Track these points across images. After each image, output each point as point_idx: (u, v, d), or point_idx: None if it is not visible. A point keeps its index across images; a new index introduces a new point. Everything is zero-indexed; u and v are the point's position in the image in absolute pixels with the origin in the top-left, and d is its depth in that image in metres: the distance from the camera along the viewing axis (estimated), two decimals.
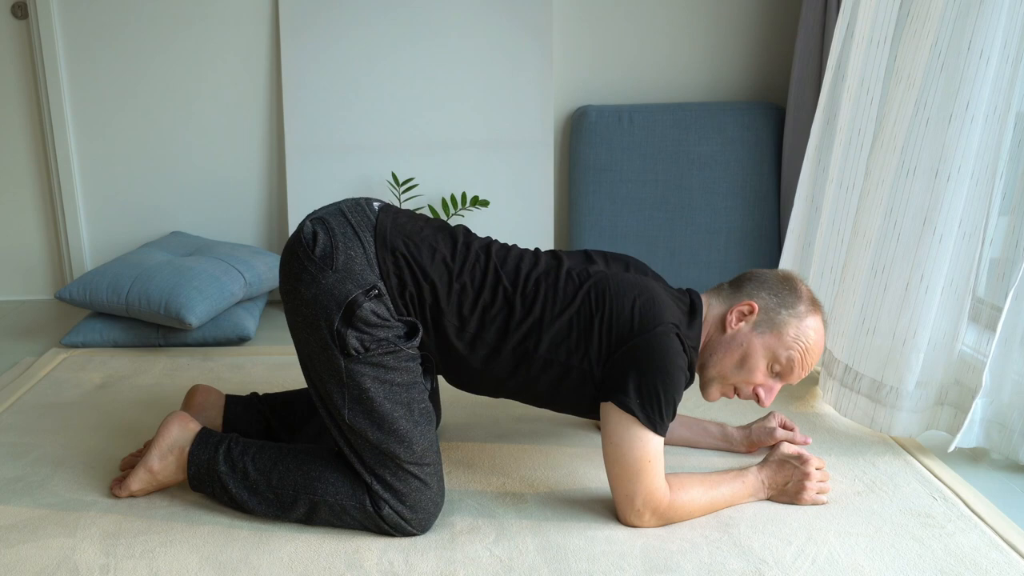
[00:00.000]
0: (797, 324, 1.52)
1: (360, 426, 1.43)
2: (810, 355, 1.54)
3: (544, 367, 1.50)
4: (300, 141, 2.91)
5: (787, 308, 1.53)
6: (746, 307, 1.54)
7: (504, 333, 1.49)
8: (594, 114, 2.82)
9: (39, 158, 3.00)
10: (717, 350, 1.56)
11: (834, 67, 2.26)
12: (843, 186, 2.15)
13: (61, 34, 2.87)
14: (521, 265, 1.54)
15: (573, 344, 1.49)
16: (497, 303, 1.49)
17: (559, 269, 1.54)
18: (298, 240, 1.47)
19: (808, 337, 1.53)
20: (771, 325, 1.53)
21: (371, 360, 1.43)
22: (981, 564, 1.39)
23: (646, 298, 1.49)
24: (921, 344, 1.78)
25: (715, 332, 1.57)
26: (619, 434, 1.44)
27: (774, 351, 1.52)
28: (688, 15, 2.91)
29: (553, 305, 1.49)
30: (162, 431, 1.57)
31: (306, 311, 1.44)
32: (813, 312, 1.55)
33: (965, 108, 1.65)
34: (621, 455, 1.44)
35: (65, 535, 1.47)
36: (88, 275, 2.54)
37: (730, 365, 1.55)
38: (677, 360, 1.45)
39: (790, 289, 1.56)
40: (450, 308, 1.48)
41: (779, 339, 1.52)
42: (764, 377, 1.54)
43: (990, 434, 1.76)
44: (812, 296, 1.57)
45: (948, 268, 1.74)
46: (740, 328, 1.54)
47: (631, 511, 1.47)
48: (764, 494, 1.58)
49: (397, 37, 2.87)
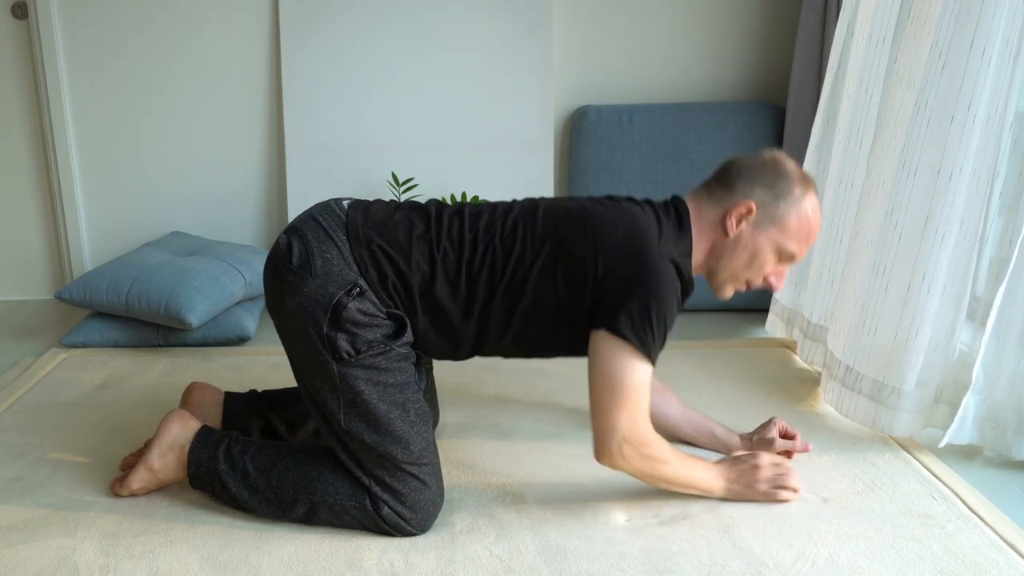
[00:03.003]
0: (797, 211, 1.51)
1: (356, 430, 1.43)
2: (813, 236, 1.54)
3: (535, 306, 1.47)
4: (300, 141, 2.91)
5: (783, 198, 1.51)
6: (744, 208, 1.50)
7: (491, 281, 1.47)
8: (594, 114, 2.82)
9: (39, 158, 3.00)
10: (723, 254, 1.54)
11: (834, 67, 2.26)
12: (843, 186, 2.15)
13: (61, 34, 2.87)
14: (496, 215, 1.51)
15: (560, 277, 1.46)
16: (479, 255, 1.47)
17: (536, 209, 1.52)
18: (275, 254, 1.48)
19: (808, 220, 1.52)
20: (772, 220, 1.51)
21: (363, 363, 1.43)
22: (981, 564, 1.39)
23: (632, 224, 1.46)
24: (922, 344, 1.78)
25: (717, 237, 1.54)
26: (609, 361, 1.41)
27: (780, 243, 1.52)
28: (688, 15, 2.91)
29: (533, 241, 1.47)
30: (162, 429, 1.57)
31: (294, 321, 1.45)
32: (807, 191, 1.53)
33: (967, 108, 1.65)
34: (610, 382, 1.41)
35: (65, 535, 1.47)
36: (88, 275, 2.54)
37: (740, 266, 1.54)
38: (670, 284, 1.43)
39: (780, 175, 1.52)
40: (438, 280, 1.46)
41: (783, 231, 1.52)
42: (772, 266, 1.55)
43: (984, 431, 1.77)
44: (801, 173, 1.54)
45: (949, 268, 1.74)
46: (742, 230, 1.52)
47: (612, 443, 1.43)
48: (720, 483, 1.55)
49: (397, 37, 2.87)
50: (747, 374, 2.26)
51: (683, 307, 1.53)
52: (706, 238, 1.55)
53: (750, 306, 2.84)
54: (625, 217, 1.48)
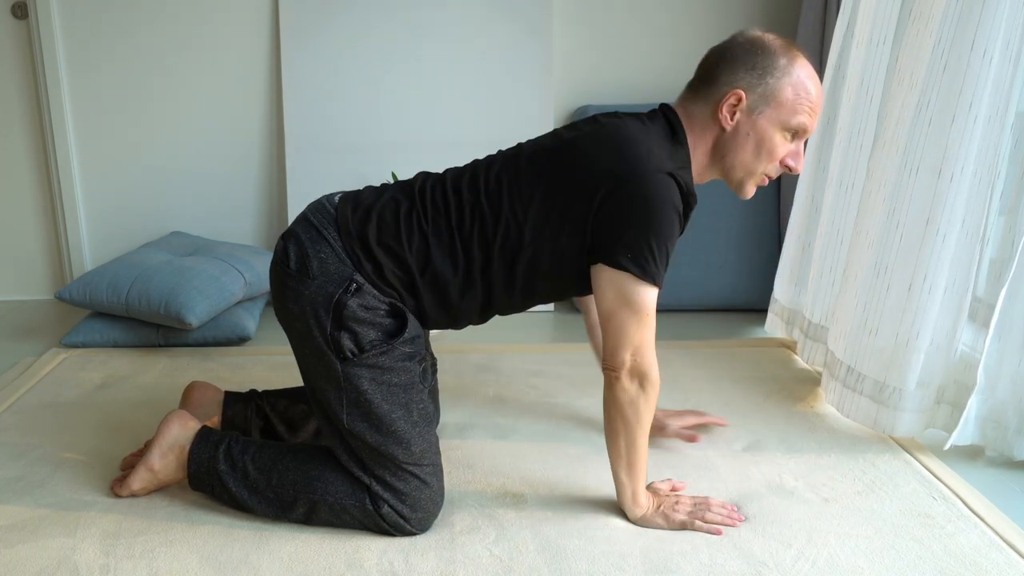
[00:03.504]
0: (789, 81, 1.42)
1: (359, 430, 1.43)
2: (815, 100, 1.45)
3: (536, 258, 1.44)
4: (300, 141, 2.91)
5: (770, 74, 1.42)
6: (732, 97, 1.42)
7: (485, 239, 1.44)
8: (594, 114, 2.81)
9: (39, 158, 3.00)
10: (728, 150, 1.46)
11: (834, 67, 2.26)
12: (843, 186, 2.15)
13: (61, 34, 2.87)
14: (478, 171, 1.48)
15: (556, 225, 1.42)
16: (466, 217, 1.44)
17: (519, 158, 1.48)
18: (275, 260, 1.49)
19: (805, 87, 1.43)
20: (766, 100, 1.43)
21: (367, 362, 1.43)
22: (981, 564, 1.39)
23: (618, 147, 1.40)
24: (924, 345, 1.78)
25: (715, 136, 1.47)
26: (615, 289, 1.39)
27: (782, 120, 1.43)
28: (688, 15, 2.91)
29: (520, 194, 1.43)
30: (162, 430, 1.57)
31: (299, 325, 1.45)
32: (793, 59, 1.44)
33: (968, 108, 1.65)
34: (617, 308, 1.39)
35: (65, 535, 1.47)
36: (88, 275, 2.54)
37: (749, 157, 1.46)
38: (666, 202, 1.38)
39: (761, 51, 1.43)
40: (433, 251, 1.44)
41: (781, 107, 1.43)
42: (785, 148, 1.46)
43: (985, 431, 1.77)
44: (782, 43, 1.45)
45: (950, 268, 1.73)
46: (738, 120, 1.44)
47: (621, 366, 1.41)
48: (643, 500, 1.51)
49: (397, 37, 2.87)
50: (747, 374, 2.26)
51: (687, 221, 1.47)
52: (704, 141, 1.47)
53: (750, 306, 2.84)
54: (609, 142, 1.42)
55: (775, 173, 1.50)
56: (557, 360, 2.37)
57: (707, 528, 1.48)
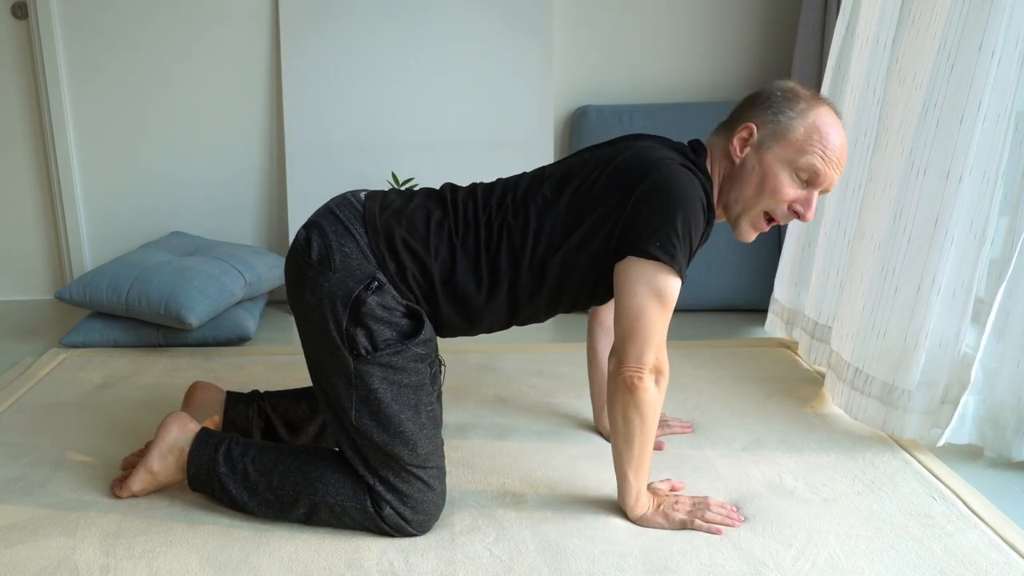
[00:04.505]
0: (802, 122, 1.42)
1: (366, 428, 1.43)
2: (831, 148, 1.42)
3: (565, 264, 1.46)
4: (300, 141, 2.91)
5: (785, 112, 1.43)
6: (744, 131, 1.45)
7: (513, 257, 1.46)
8: (594, 114, 2.82)
9: (39, 158, 3.00)
10: (734, 185, 1.48)
11: (834, 67, 2.26)
12: (848, 187, 2.15)
13: (61, 34, 2.87)
14: (506, 190, 1.50)
15: (585, 244, 1.43)
16: (495, 234, 1.46)
17: (542, 178, 1.50)
18: (295, 249, 1.48)
19: (820, 131, 1.41)
20: (775, 136, 1.43)
21: (380, 360, 1.43)
22: (981, 564, 1.39)
23: (648, 151, 1.43)
24: (932, 346, 1.77)
25: (727, 169, 1.49)
26: (645, 282, 1.38)
27: (790, 160, 1.43)
28: (688, 15, 2.91)
29: (545, 206, 1.45)
30: (161, 432, 1.57)
31: (313, 316, 1.44)
32: (815, 105, 1.43)
33: (977, 108, 1.63)
34: (647, 302, 1.38)
35: (65, 535, 1.47)
36: (88, 275, 2.54)
37: (751, 193, 1.45)
38: (694, 190, 1.39)
39: (785, 95, 1.45)
40: (459, 266, 1.46)
41: (789, 145, 1.42)
42: (793, 191, 1.44)
43: (983, 431, 1.76)
44: (813, 92, 1.46)
45: (957, 269, 1.73)
46: (747, 153, 1.45)
47: (646, 366, 1.40)
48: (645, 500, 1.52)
49: (397, 37, 2.87)
50: (747, 374, 2.26)
51: (710, 228, 1.47)
52: (719, 173, 1.50)
53: (750, 306, 2.84)
54: (638, 153, 1.45)
55: (782, 217, 1.48)
56: (557, 360, 2.37)
57: (707, 528, 1.48)
